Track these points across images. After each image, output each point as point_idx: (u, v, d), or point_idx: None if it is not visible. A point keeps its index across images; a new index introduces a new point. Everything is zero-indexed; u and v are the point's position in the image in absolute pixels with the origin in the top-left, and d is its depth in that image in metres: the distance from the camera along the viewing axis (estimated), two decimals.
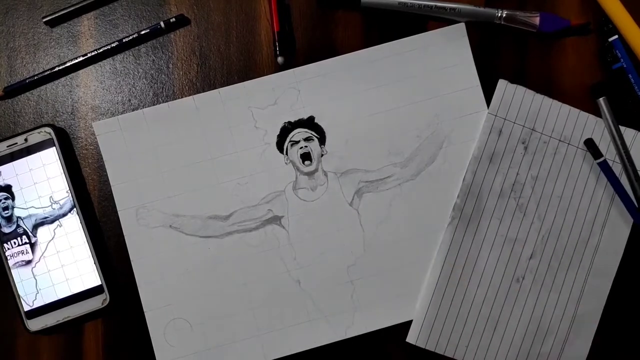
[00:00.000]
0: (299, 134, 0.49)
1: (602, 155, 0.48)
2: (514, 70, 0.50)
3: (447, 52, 0.50)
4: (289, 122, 0.49)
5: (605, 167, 0.48)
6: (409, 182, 0.49)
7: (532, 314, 0.48)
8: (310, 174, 0.49)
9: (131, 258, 0.48)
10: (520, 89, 0.49)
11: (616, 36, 0.49)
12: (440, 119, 0.50)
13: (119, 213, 0.49)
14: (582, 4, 0.51)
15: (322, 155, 0.49)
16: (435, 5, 0.49)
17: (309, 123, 0.49)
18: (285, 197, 0.49)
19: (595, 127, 0.49)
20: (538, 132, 0.49)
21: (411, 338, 0.48)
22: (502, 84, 0.49)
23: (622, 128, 0.49)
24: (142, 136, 0.49)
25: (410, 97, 0.50)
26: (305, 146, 0.49)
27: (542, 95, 0.49)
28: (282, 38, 0.50)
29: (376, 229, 0.49)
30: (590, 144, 0.49)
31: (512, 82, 0.49)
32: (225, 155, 0.49)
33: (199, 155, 0.49)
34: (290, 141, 0.49)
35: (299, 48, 0.50)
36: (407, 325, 0.48)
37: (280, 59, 0.49)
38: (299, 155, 0.49)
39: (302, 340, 0.48)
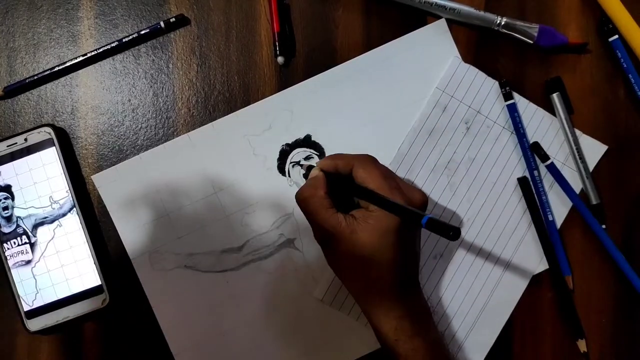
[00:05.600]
0: (298, 154, 0.49)
1: (549, 158, 0.48)
2: (512, 72, 0.50)
3: (432, 50, 0.50)
4: (287, 144, 0.49)
5: (553, 170, 0.48)
6: None
7: (443, 293, 0.48)
8: None
9: (152, 304, 0.48)
10: (473, 70, 0.49)
11: (616, 36, 0.49)
12: None
13: (132, 261, 0.48)
14: (582, 4, 0.51)
15: None
16: (436, 3, 0.49)
17: (307, 142, 0.49)
18: (294, 219, 0.49)
19: (543, 122, 0.49)
20: (483, 115, 0.49)
21: (318, 294, 0.48)
22: (455, 61, 0.49)
23: (577, 132, 0.49)
24: (143, 181, 0.49)
25: (403, 100, 0.50)
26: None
27: (494, 81, 0.49)
28: (282, 38, 0.50)
29: None
30: (536, 147, 0.48)
31: (511, 85, 0.49)
32: (228, 187, 0.49)
33: (202, 191, 0.49)
34: (290, 162, 0.49)
35: (299, 48, 0.50)
36: None
37: (280, 59, 0.49)
38: (301, 175, 0.49)
39: (335, 356, 0.48)
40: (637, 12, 0.49)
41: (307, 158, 0.49)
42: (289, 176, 0.49)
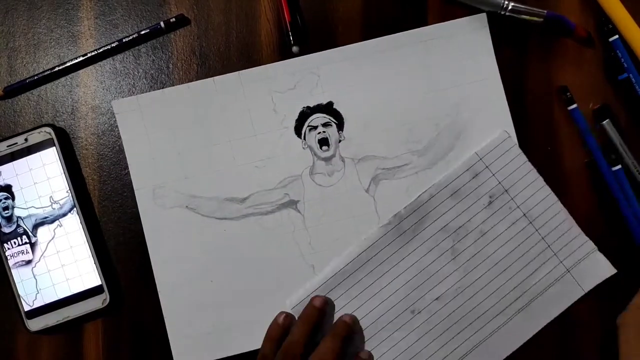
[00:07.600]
0: (317, 119, 0.49)
1: (574, 102, 0.48)
2: (514, 65, 0.50)
3: (468, 42, 0.50)
4: (308, 107, 0.50)
5: (576, 115, 0.48)
6: (426, 170, 0.49)
7: (404, 350, 0.47)
8: (327, 160, 0.49)
9: (146, 238, 0.48)
10: (516, 149, 0.49)
11: (616, 36, 0.49)
12: (459, 109, 0.50)
13: (136, 192, 0.49)
14: (582, 3, 0.51)
15: (339, 141, 0.49)
16: None
17: (328, 108, 0.50)
18: (301, 182, 0.49)
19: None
20: (509, 195, 0.48)
21: (290, 303, 0.48)
22: (503, 134, 0.49)
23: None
24: (161, 116, 0.49)
25: (430, 85, 0.50)
26: (323, 131, 0.49)
27: (533, 167, 0.49)
28: (294, 28, 0.49)
29: (391, 216, 0.49)
30: (563, 90, 0.48)
31: (511, 77, 0.49)
32: (243, 138, 0.49)
33: (217, 137, 0.49)
34: (308, 126, 0.49)
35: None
36: None
37: (295, 49, 0.49)
38: (316, 141, 0.49)
39: None
40: (637, 12, 0.49)
41: (326, 125, 0.49)
42: (304, 139, 0.49)
